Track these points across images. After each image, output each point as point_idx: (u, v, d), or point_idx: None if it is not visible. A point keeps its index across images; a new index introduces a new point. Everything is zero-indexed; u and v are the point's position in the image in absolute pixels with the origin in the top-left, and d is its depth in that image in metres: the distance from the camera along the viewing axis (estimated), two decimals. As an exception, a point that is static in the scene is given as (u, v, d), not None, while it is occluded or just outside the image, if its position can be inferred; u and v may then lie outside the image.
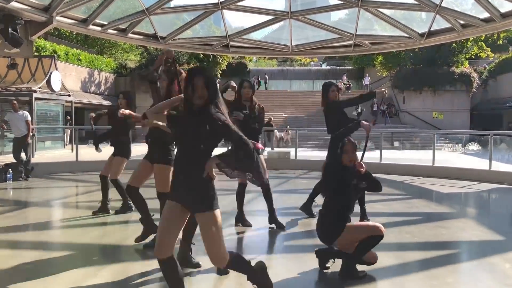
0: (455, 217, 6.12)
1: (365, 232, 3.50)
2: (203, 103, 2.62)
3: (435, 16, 12.53)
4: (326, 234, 3.65)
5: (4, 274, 3.56)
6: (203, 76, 2.63)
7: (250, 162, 2.58)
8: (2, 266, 3.74)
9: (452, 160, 12.14)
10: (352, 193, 3.66)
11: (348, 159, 3.63)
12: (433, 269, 3.80)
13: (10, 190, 8.00)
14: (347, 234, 3.54)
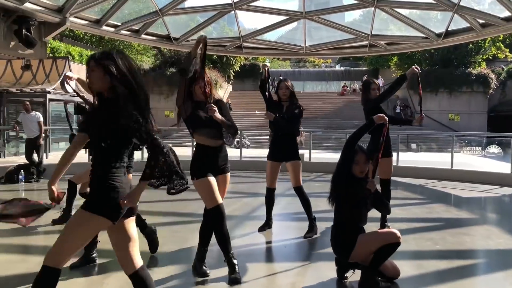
0: (478, 224, 5.87)
1: (379, 241, 3.29)
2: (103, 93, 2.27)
3: (453, 16, 12.25)
4: (340, 249, 3.45)
5: (13, 278, 3.45)
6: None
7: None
8: (11, 271, 3.63)
9: (471, 163, 11.82)
10: (362, 206, 3.45)
11: (359, 170, 3.43)
12: (458, 280, 3.57)
13: (22, 191, 7.95)
14: (360, 246, 3.34)
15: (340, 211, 3.46)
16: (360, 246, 3.32)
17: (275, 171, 4.93)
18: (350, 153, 3.43)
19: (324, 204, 5.50)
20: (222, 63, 32.52)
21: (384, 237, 3.33)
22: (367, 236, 3.41)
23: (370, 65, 39.91)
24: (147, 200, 7.18)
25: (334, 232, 3.50)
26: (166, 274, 3.59)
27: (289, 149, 4.84)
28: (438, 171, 10.35)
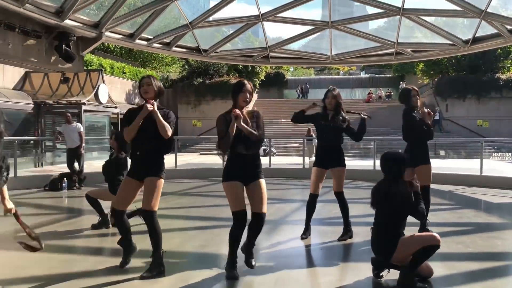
0: (509, 228, 5.96)
1: (420, 243, 3.49)
2: None
3: (480, 22, 12.25)
4: (381, 251, 3.66)
5: (58, 278, 3.78)
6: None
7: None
8: (58, 270, 3.98)
9: (501, 169, 11.77)
10: (403, 211, 3.65)
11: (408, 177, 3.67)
12: (490, 280, 3.74)
13: (65, 198, 8.41)
14: (402, 248, 3.54)
15: (382, 218, 3.67)
16: (401, 248, 3.52)
17: (320, 178, 5.14)
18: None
19: (355, 210, 5.72)
20: (247, 72, 32.99)
21: (425, 239, 3.52)
22: (408, 238, 3.60)
23: (396, 72, 39.74)
24: (184, 206, 7.55)
25: (375, 235, 3.72)
26: (205, 276, 3.88)
27: (335, 156, 5.08)
28: (467, 177, 10.37)
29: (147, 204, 3.83)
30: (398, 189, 3.59)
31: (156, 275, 3.75)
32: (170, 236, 5.08)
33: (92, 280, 3.68)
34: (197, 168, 13.10)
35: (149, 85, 3.94)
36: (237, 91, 3.85)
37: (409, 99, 5.19)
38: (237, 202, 3.73)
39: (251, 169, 3.82)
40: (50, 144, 16.65)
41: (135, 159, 3.95)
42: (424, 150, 5.19)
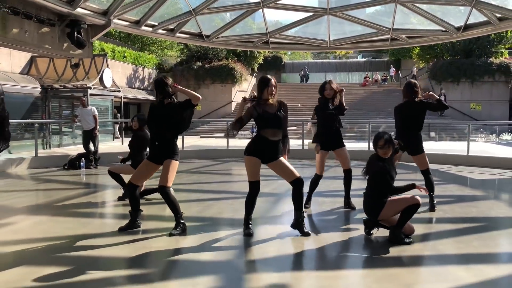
0: (485, 199, 6.73)
1: (404, 203, 4.23)
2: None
3: (471, 10, 12.82)
4: (371, 210, 4.39)
5: (108, 234, 4.50)
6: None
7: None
8: (100, 230, 4.71)
9: (488, 150, 12.52)
10: (389, 179, 4.37)
11: (382, 153, 4.36)
12: (460, 236, 4.52)
13: (84, 176, 9.11)
14: (389, 207, 4.29)
15: (373, 184, 4.39)
16: (388, 207, 4.27)
17: (324, 159, 5.88)
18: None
19: (356, 185, 6.44)
20: (246, 56, 33.43)
21: (408, 200, 4.25)
22: (394, 200, 4.35)
23: (392, 56, 40.25)
24: (196, 182, 8.29)
25: (367, 198, 4.46)
26: (224, 235, 4.63)
27: (337, 139, 5.82)
28: (455, 157, 11.12)
29: (162, 181, 4.60)
30: (375, 164, 4.32)
31: (182, 232, 4.50)
32: (189, 206, 5.82)
33: (131, 236, 4.40)
34: (203, 149, 13.79)
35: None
36: (264, 85, 4.53)
37: (413, 92, 5.68)
38: (254, 174, 4.48)
39: (271, 152, 4.52)
40: (56, 127, 17.26)
41: (154, 146, 4.71)
42: (419, 141, 5.80)
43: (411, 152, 5.68)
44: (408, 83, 5.87)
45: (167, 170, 4.59)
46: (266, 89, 4.52)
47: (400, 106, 5.82)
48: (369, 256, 4.00)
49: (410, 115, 5.68)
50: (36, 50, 11.54)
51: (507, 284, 3.36)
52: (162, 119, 4.59)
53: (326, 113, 5.75)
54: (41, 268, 3.55)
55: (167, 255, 3.95)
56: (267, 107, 4.51)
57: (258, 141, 4.53)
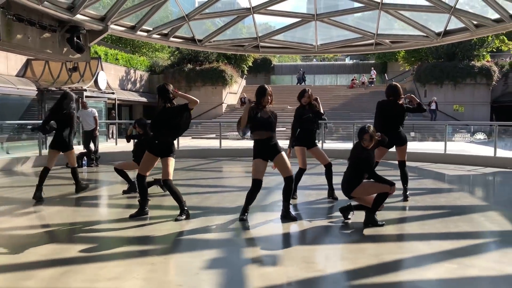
0: (454, 191, 7.48)
1: (378, 188, 4.93)
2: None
3: (450, 17, 13.61)
4: (346, 187, 5.08)
5: (115, 220, 5.14)
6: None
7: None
8: (111, 217, 5.35)
9: (464, 148, 13.34)
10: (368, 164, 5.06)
11: (366, 144, 5.06)
12: (426, 220, 5.25)
13: (86, 173, 9.70)
14: (363, 186, 4.98)
15: (353, 166, 5.08)
16: (362, 186, 4.97)
17: (305, 154, 6.63)
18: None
19: (336, 180, 7.13)
20: (236, 59, 34.09)
21: (382, 187, 4.94)
22: (370, 183, 5.04)
23: (378, 59, 41.22)
24: (193, 178, 8.94)
25: (346, 177, 5.13)
26: (223, 220, 5.29)
27: (314, 138, 6.62)
28: (433, 155, 11.91)
29: (164, 175, 5.31)
30: (363, 151, 5.03)
31: (186, 218, 5.17)
32: (189, 197, 6.44)
33: (141, 222, 5.05)
34: (196, 149, 14.43)
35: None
36: (261, 95, 5.26)
37: (398, 96, 6.37)
38: (257, 172, 5.21)
39: (271, 149, 5.24)
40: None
41: (154, 143, 5.39)
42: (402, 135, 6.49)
43: (398, 143, 6.35)
44: (390, 85, 6.57)
45: (167, 166, 5.26)
46: (263, 98, 5.24)
47: (383, 102, 6.46)
48: (345, 235, 4.70)
49: (392, 114, 6.35)
50: (38, 54, 12.08)
51: (459, 253, 4.06)
52: (165, 123, 5.25)
53: (304, 118, 6.50)
54: (70, 245, 4.21)
55: (175, 235, 4.62)
56: (262, 112, 5.22)
57: (255, 143, 5.28)
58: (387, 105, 6.38)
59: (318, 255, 4.07)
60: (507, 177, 9.45)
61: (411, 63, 33.45)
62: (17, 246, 4.19)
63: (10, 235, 4.68)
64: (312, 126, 6.58)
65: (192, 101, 5.28)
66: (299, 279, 3.39)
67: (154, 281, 3.34)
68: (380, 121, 6.37)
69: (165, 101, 5.33)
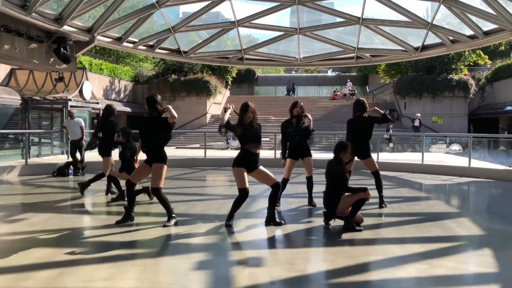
0: (429, 199, 7.87)
1: (355, 197, 5.26)
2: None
3: (428, 33, 14.15)
4: (330, 205, 5.39)
5: (104, 226, 5.34)
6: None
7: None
8: (100, 223, 5.54)
9: (441, 159, 13.83)
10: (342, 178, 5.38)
11: (346, 158, 5.40)
12: (401, 226, 5.60)
13: (72, 182, 9.83)
14: (343, 201, 5.30)
15: (332, 185, 5.38)
16: (343, 201, 5.28)
17: (292, 166, 6.94)
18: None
19: (317, 188, 7.43)
20: (220, 70, 34.41)
21: (358, 195, 5.26)
22: (348, 196, 5.36)
23: (360, 71, 42.03)
24: (179, 187, 9.15)
25: (326, 195, 5.45)
26: (209, 226, 5.54)
27: (304, 149, 6.89)
28: (411, 165, 12.34)
29: (153, 183, 5.53)
30: (336, 167, 5.35)
31: (174, 224, 5.40)
32: (176, 205, 6.65)
33: (128, 228, 5.26)
34: (181, 158, 14.61)
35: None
36: (244, 111, 5.54)
37: (364, 110, 6.82)
38: (242, 182, 5.44)
39: (253, 163, 5.50)
40: (35, 138, 17.72)
41: (144, 151, 5.67)
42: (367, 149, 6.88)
43: (360, 157, 6.71)
44: (357, 100, 7.02)
45: (155, 173, 5.49)
46: (246, 114, 5.52)
47: (351, 120, 6.92)
48: (326, 239, 5.00)
49: (360, 128, 6.74)
50: (24, 64, 12.19)
51: (430, 255, 4.38)
52: (151, 131, 5.49)
53: (287, 132, 6.86)
54: (62, 249, 4.40)
55: (164, 240, 4.86)
56: (247, 127, 5.49)
57: (243, 154, 5.51)
58: (354, 121, 6.84)
59: (300, 257, 4.35)
60: (479, 186, 9.90)
61: (391, 75, 34.23)
62: (11, 250, 4.37)
63: (2, 241, 4.84)
64: (297, 139, 6.80)
65: (172, 115, 5.55)
66: (282, 279, 3.66)
67: (146, 281, 3.57)
68: (349, 135, 6.83)
69: (153, 111, 5.59)
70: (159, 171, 5.52)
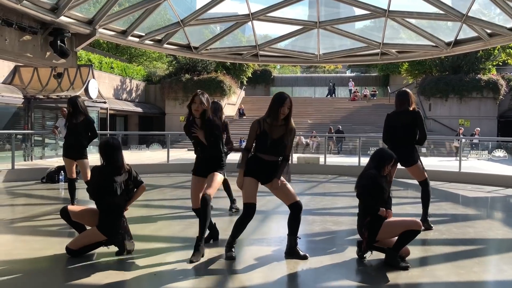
0: (481, 219, 6.48)
1: (402, 227, 3.93)
2: None
3: (462, 26, 12.76)
4: (368, 232, 4.04)
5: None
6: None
7: None
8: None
9: (479, 166, 12.36)
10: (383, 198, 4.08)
11: (388, 171, 4.10)
12: (460, 260, 4.21)
13: (62, 190, 8.68)
14: (386, 229, 3.98)
15: (366, 205, 4.09)
16: (385, 229, 3.96)
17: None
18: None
19: (340, 202, 6.15)
20: (235, 69, 33.30)
21: (408, 224, 3.96)
22: (392, 221, 4.03)
23: (381, 71, 40.44)
24: (179, 198, 7.93)
25: (360, 220, 4.14)
26: (206, 257, 4.28)
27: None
28: (447, 173, 10.91)
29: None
30: (379, 178, 4.03)
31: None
32: (170, 224, 5.47)
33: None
34: (188, 163, 13.41)
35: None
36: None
37: (411, 100, 5.46)
38: (249, 195, 4.19)
39: (269, 173, 4.21)
40: (39, 138, 16.79)
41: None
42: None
43: (404, 163, 5.38)
44: (400, 91, 5.68)
45: None
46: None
47: (391, 114, 5.62)
48: (364, 284, 3.68)
49: (402, 125, 5.41)
50: (17, 58, 11.16)
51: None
52: None
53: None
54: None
55: (144, 279, 3.59)
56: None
57: (254, 160, 4.24)
58: (395, 115, 5.57)
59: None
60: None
61: (415, 76, 32.65)
62: None
63: None
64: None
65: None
66: None
67: None
68: (389, 135, 5.59)
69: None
70: None
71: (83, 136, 6.39)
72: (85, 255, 4.16)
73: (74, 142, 6.37)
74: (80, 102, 6.43)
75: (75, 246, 4.13)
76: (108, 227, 4.11)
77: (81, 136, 6.38)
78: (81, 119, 6.31)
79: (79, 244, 4.13)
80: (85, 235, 4.22)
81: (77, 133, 6.31)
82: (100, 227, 4.11)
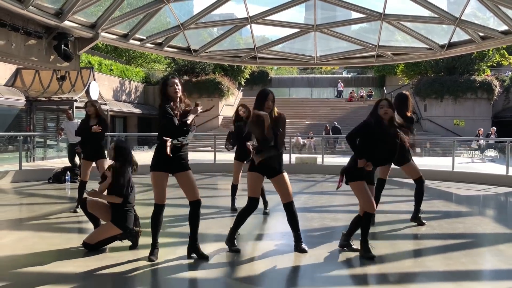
0: (471, 215, 6.81)
1: (361, 198, 4.36)
2: None
3: (455, 29, 13.09)
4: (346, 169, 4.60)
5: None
6: None
7: None
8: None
9: (471, 165, 12.70)
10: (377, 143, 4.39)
11: (383, 112, 4.37)
12: (449, 252, 4.55)
13: (69, 190, 8.97)
14: (355, 188, 4.41)
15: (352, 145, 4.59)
16: (355, 189, 4.41)
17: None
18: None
19: (338, 200, 6.46)
20: (233, 71, 33.58)
21: (366, 202, 4.31)
22: (362, 189, 4.37)
23: (377, 72, 40.80)
24: (184, 196, 8.21)
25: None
26: (211, 250, 4.58)
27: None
28: (441, 173, 11.24)
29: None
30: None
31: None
32: (176, 220, 5.75)
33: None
34: (190, 163, 13.72)
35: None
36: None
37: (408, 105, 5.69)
38: (254, 190, 4.55)
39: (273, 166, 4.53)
40: (41, 140, 17.03)
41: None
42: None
43: (398, 163, 5.67)
44: (399, 95, 5.88)
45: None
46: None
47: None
48: (359, 273, 4.00)
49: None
50: (23, 62, 11.40)
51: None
52: None
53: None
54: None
55: (156, 274, 3.90)
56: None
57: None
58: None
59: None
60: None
61: (410, 76, 33.00)
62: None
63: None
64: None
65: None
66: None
67: None
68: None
69: None
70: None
71: (99, 136, 6.65)
72: (100, 249, 4.46)
73: (93, 144, 6.62)
74: (99, 105, 6.83)
75: (91, 240, 4.44)
76: (121, 221, 4.46)
77: (97, 136, 6.65)
78: (97, 120, 6.62)
79: (95, 239, 4.44)
80: (101, 230, 4.54)
81: (95, 135, 6.55)
82: (114, 221, 4.45)
